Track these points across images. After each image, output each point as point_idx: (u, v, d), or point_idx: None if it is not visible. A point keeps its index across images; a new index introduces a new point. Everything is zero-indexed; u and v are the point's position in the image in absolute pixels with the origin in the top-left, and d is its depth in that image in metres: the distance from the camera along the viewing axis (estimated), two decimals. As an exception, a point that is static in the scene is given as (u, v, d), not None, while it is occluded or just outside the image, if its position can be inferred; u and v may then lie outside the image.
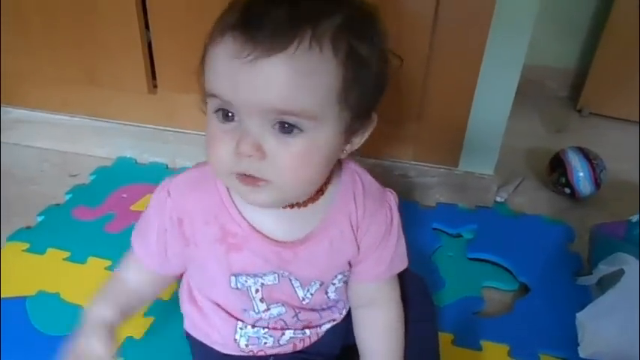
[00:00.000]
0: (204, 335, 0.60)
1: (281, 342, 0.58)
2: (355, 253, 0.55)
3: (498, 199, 1.03)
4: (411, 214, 0.98)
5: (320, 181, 0.50)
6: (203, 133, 1.15)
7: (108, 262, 0.82)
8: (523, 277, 0.84)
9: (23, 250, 0.84)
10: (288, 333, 0.58)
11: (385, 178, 0.69)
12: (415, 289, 0.64)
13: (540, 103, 1.44)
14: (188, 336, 0.63)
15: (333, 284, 0.57)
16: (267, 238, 0.52)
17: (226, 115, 0.45)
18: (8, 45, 1.03)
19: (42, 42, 1.02)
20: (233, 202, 0.52)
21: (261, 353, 0.59)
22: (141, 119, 1.08)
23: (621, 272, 0.71)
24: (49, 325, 0.72)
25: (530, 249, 0.89)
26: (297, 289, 0.55)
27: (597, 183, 1.01)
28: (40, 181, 1.05)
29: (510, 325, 0.76)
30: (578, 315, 0.69)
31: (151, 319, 0.73)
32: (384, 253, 0.56)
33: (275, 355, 0.58)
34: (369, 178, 0.56)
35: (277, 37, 0.40)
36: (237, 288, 0.53)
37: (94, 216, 0.93)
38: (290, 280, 0.54)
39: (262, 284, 0.53)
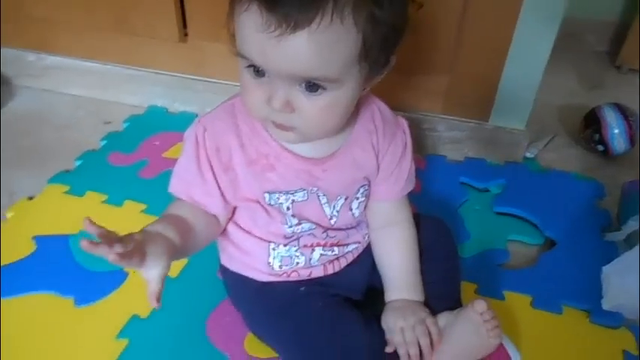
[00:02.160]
0: (241, 265, 0.63)
1: (312, 261, 0.62)
2: (374, 170, 0.61)
3: (528, 154, 1.02)
4: (439, 167, 0.98)
5: (342, 124, 0.55)
6: (232, 83, 1.16)
7: (143, 206, 0.86)
8: (549, 231, 0.84)
9: (64, 192, 0.88)
10: (318, 250, 0.62)
11: (413, 131, 0.69)
12: (438, 232, 0.68)
13: (577, 58, 1.39)
14: (224, 272, 0.67)
15: (357, 198, 0.62)
16: (298, 156, 0.56)
17: (257, 71, 0.49)
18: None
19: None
20: (264, 127, 0.55)
21: (294, 275, 0.62)
22: (171, 67, 1.09)
23: (651, 229, 0.71)
24: (92, 261, 0.76)
25: (558, 204, 0.89)
26: (324, 205, 0.59)
27: (632, 140, 0.99)
28: (76, 127, 1.08)
29: (534, 277, 0.77)
30: (604, 268, 0.70)
31: (185, 260, 0.76)
32: (401, 172, 0.63)
33: (307, 285, 0.61)
34: (383, 104, 0.62)
35: (301, 13, 0.43)
36: (271, 205, 0.58)
37: (128, 162, 0.96)
38: (318, 196, 0.59)
39: (293, 201, 0.58)
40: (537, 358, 0.66)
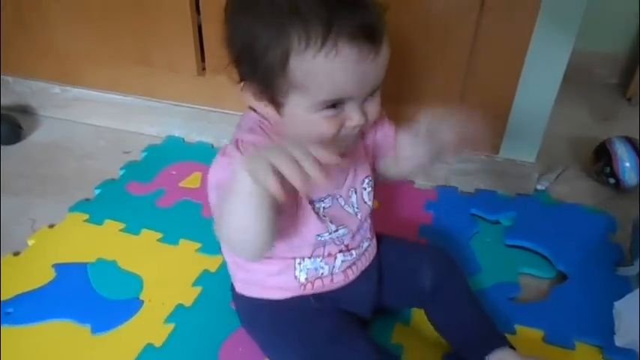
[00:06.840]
0: (259, 288, 0.65)
1: (334, 269, 0.65)
2: (367, 157, 0.67)
3: (539, 187, 1.02)
4: (450, 199, 0.99)
5: None
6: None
7: (159, 235, 0.88)
8: (561, 265, 0.84)
9: (84, 221, 0.91)
10: (340, 257, 0.64)
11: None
12: (447, 264, 0.70)
13: (587, 90, 1.40)
14: (238, 299, 0.68)
15: (364, 189, 0.66)
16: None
17: (333, 106, 0.53)
18: (70, 29, 1.10)
19: (100, 26, 1.07)
20: None
21: (318, 283, 0.64)
22: (189, 100, 1.13)
23: (663, 264, 0.71)
24: (109, 289, 0.78)
25: (569, 238, 0.89)
26: (344, 207, 0.63)
27: (644, 174, 0.99)
28: (97, 156, 1.12)
29: (546, 312, 0.76)
30: (616, 304, 0.69)
31: (199, 289, 0.78)
32: (385, 128, 0.68)
33: (317, 299, 0.64)
34: None
35: (377, 28, 0.51)
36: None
37: (146, 191, 0.99)
38: (337, 199, 0.62)
39: (324, 208, 0.61)
40: (550, 394, 0.65)
